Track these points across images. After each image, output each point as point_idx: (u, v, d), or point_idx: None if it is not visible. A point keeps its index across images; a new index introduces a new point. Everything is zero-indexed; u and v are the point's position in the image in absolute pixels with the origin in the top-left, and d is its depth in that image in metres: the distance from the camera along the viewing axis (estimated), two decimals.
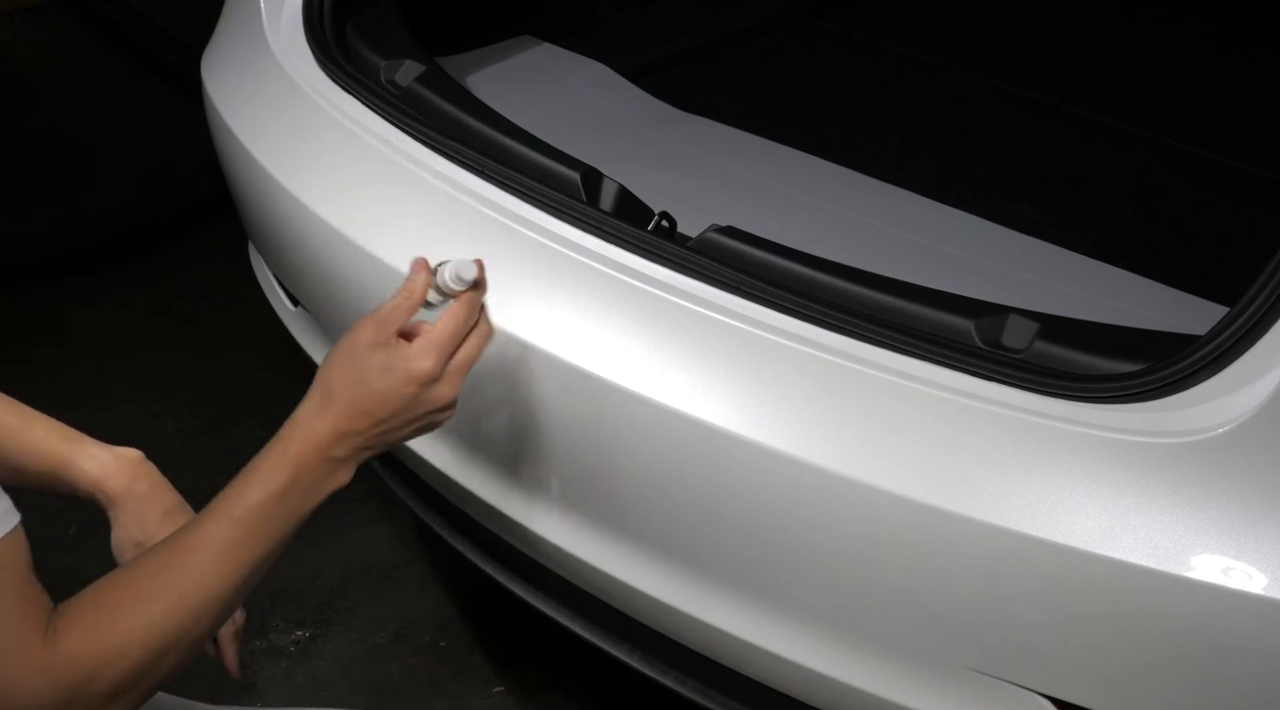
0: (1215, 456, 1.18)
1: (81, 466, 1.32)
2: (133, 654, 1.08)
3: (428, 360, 1.22)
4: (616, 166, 1.66)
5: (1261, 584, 1.14)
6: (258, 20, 1.91)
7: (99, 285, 3.05)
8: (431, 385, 1.22)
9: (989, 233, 1.90)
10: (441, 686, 2.16)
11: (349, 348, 1.22)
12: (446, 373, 1.23)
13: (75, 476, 1.32)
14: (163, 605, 1.11)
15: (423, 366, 1.21)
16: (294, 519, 1.19)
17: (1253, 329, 1.21)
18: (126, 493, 1.33)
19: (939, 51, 2.44)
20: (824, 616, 1.42)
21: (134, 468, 1.34)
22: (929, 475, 1.28)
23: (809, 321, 1.37)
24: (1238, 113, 2.30)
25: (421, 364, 1.21)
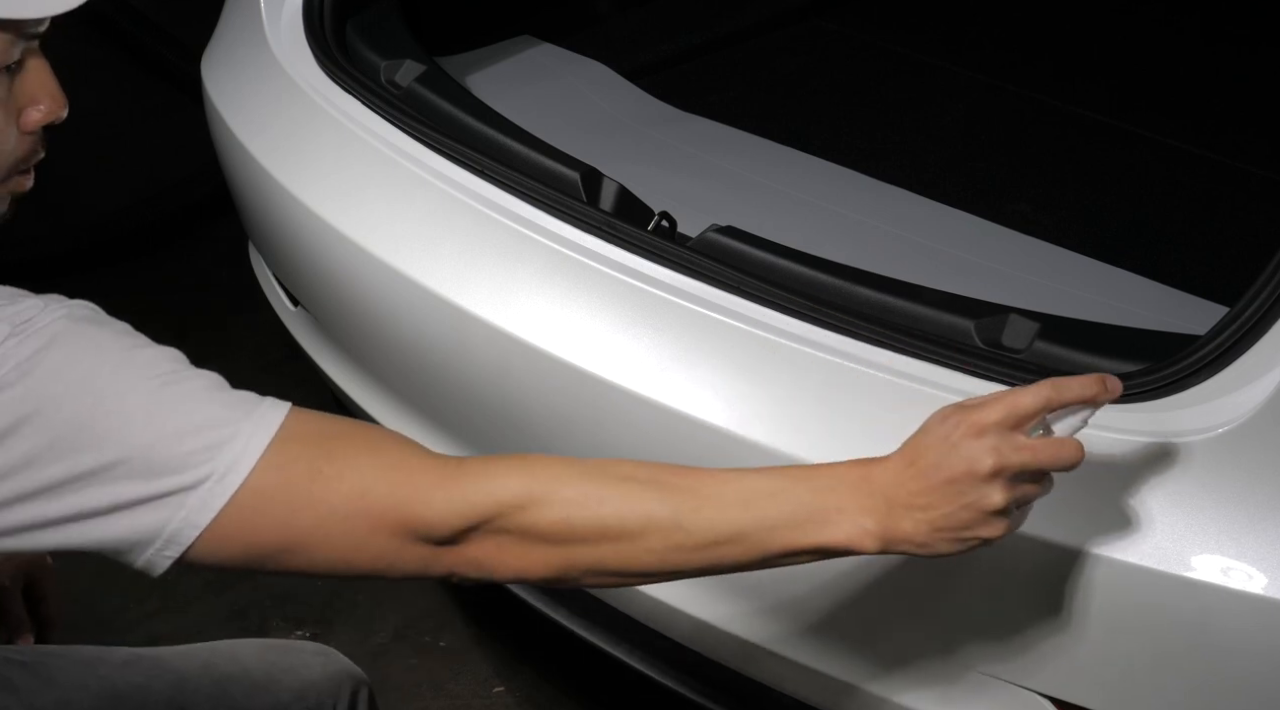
0: (1215, 456, 1.18)
1: None
2: (572, 512, 1.03)
3: (993, 410, 1.05)
4: (616, 166, 1.66)
5: (1261, 584, 1.14)
6: (258, 20, 1.91)
7: (98, 285, 3.02)
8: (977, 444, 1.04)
9: (989, 233, 1.90)
10: (441, 686, 2.16)
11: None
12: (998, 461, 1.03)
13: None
14: (625, 499, 1.04)
15: (985, 413, 1.04)
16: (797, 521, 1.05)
17: (1253, 329, 1.21)
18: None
19: (939, 51, 2.45)
20: (824, 616, 1.42)
21: None
22: None
23: (809, 321, 1.37)
24: (1238, 113, 2.30)
25: (986, 411, 1.05)
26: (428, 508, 1.03)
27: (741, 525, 1.05)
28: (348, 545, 1.03)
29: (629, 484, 1.06)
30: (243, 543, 1.02)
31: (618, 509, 1.04)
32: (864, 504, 1.05)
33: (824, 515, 1.05)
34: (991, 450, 1.03)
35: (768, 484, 1.07)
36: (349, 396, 1.88)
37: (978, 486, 1.04)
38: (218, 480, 1.00)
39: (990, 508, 1.04)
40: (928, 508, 1.05)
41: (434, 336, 1.61)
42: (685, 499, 1.05)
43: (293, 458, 1.02)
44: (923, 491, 1.05)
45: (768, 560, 1.06)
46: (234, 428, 1.01)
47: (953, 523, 1.05)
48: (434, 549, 1.04)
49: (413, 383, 1.73)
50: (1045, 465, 1.05)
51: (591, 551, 1.05)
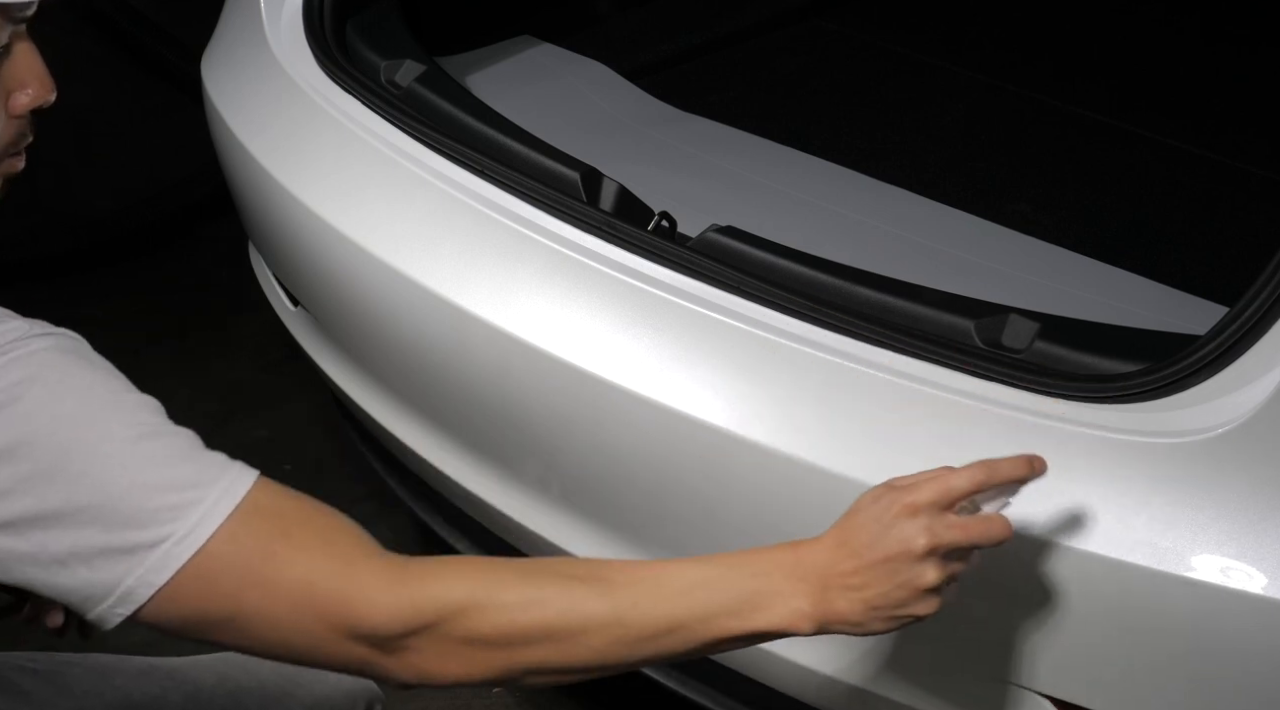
0: (1215, 456, 1.18)
1: None
2: (514, 615, 1.04)
3: (926, 491, 1.08)
4: (616, 166, 1.66)
5: (1261, 584, 1.14)
6: (258, 20, 1.91)
7: (99, 285, 3.05)
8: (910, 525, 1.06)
9: (989, 233, 1.90)
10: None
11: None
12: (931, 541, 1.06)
13: None
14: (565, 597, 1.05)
15: (918, 494, 1.07)
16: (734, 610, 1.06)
17: (1253, 329, 1.21)
18: None
19: (939, 51, 2.45)
20: None
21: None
22: None
23: (809, 321, 1.37)
24: (1238, 113, 2.30)
25: (919, 492, 1.08)
26: (371, 608, 1.03)
27: (679, 616, 1.06)
28: (290, 631, 1.03)
29: (569, 583, 1.07)
30: (190, 609, 1.01)
31: (559, 609, 1.05)
32: (798, 587, 1.07)
33: (759, 600, 1.06)
34: (925, 530, 1.06)
35: (703, 573, 1.08)
36: (349, 396, 1.88)
37: (912, 565, 1.06)
38: (177, 542, 0.99)
39: (924, 586, 1.06)
40: (863, 587, 1.07)
41: (434, 336, 1.61)
42: (624, 594, 1.06)
43: (251, 532, 1.02)
44: (857, 571, 1.07)
45: (706, 647, 1.08)
46: (202, 491, 1.01)
47: (888, 601, 1.07)
48: (374, 651, 1.04)
49: (413, 383, 1.73)
50: (976, 542, 1.08)
51: (534, 652, 1.05)
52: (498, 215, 1.57)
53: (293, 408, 2.65)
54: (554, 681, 1.10)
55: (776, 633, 1.07)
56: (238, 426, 2.60)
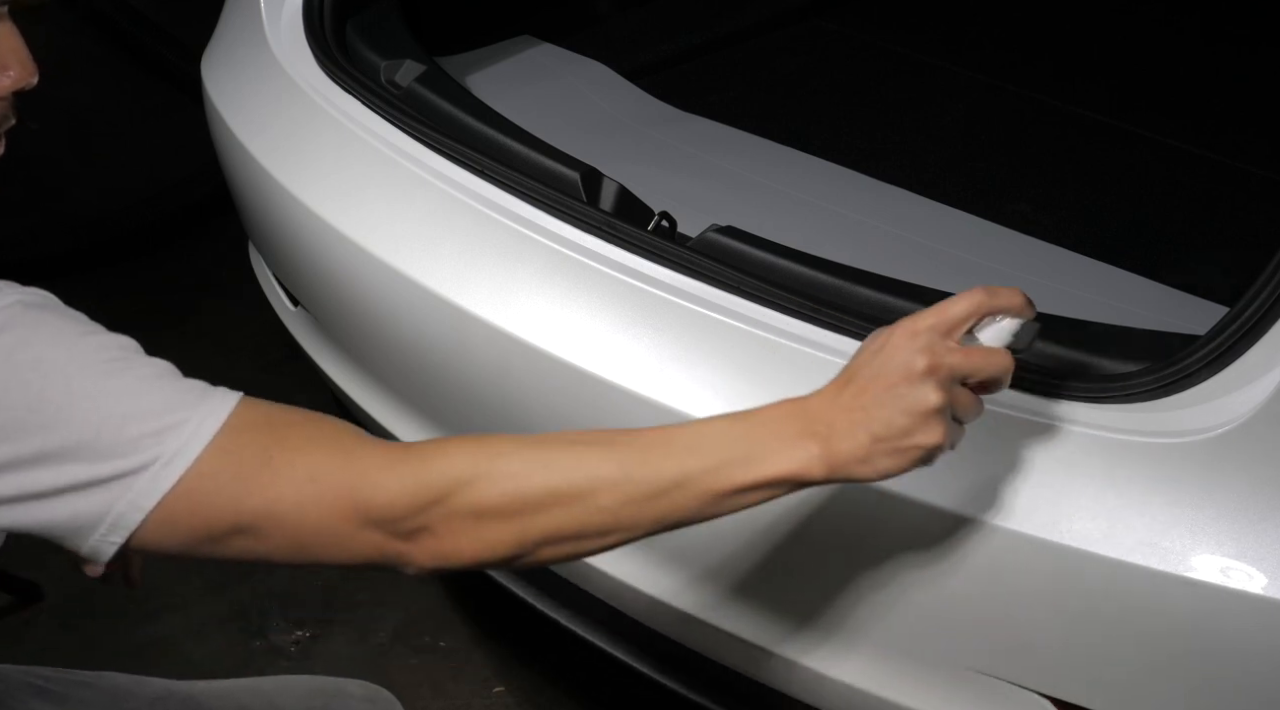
0: (1215, 456, 1.18)
1: None
2: (519, 479, 1.03)
3: (926, 315, 1.07)
4: (616, 166, 1.66)
5: (1261, 584, 1.14)
6: (258, 20, 1.91)
7: (98, 285, 3.04)
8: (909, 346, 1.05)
9: (989, 233, 1.90)
10: (441, 686, 2.16)
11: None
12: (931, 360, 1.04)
13: None
14: (571, 457, 1.05)
15: (917, 319, 1.06)
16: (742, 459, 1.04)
17: (1253, 329, 1.21)
18: None
19: (939, 51, 2.45)
20: (823, 616, 1.42)
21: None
22: (928, 475, 1.28)
23: (809, 321, 1.37)
24: (1238, 113, 2.30)
25: (919, 317, 1.07)
26: (377, 490, 1.03)
27: (688, 469, 1.04)
28: (300, 530, 1.03)
29: (575, 447, 1.06)
30: (190, 527, 1.02)
31: (565, 470, 1.04)
32: (805, 430, 1.05)
33: (767, 448, 1.04)
34: (924, 350, 1.04)
35: (710, 428, 1.06)
36: (349, 396, 1.88)
37: (914, 386, 1.04)
38: (164, 464, 1.00)
39: (927, 407, 1.03)
40: (867, 418, 1.04)
41: (434, 336, 1.61)
42: (631, 452, 1.05)
43: (243, 444, 1.02)
44: (859, 402, 1.05)
45: (721, 501, 1.05)
46: (183, 414, 1.01)
47: (891, 430, 1.04)
48: (387, 536, 1.04)
49: (413, 383, 1.73)
50: (978, 370, 1.06)
51: (545, 519, 1.04)
52: (498, 215, 1.57)
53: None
54: (572, 553, 1.07)
55: (788, 478, 1.05)
56: None
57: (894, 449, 1.05)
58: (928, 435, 1.05)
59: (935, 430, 1.05)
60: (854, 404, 1.05)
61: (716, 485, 1.04)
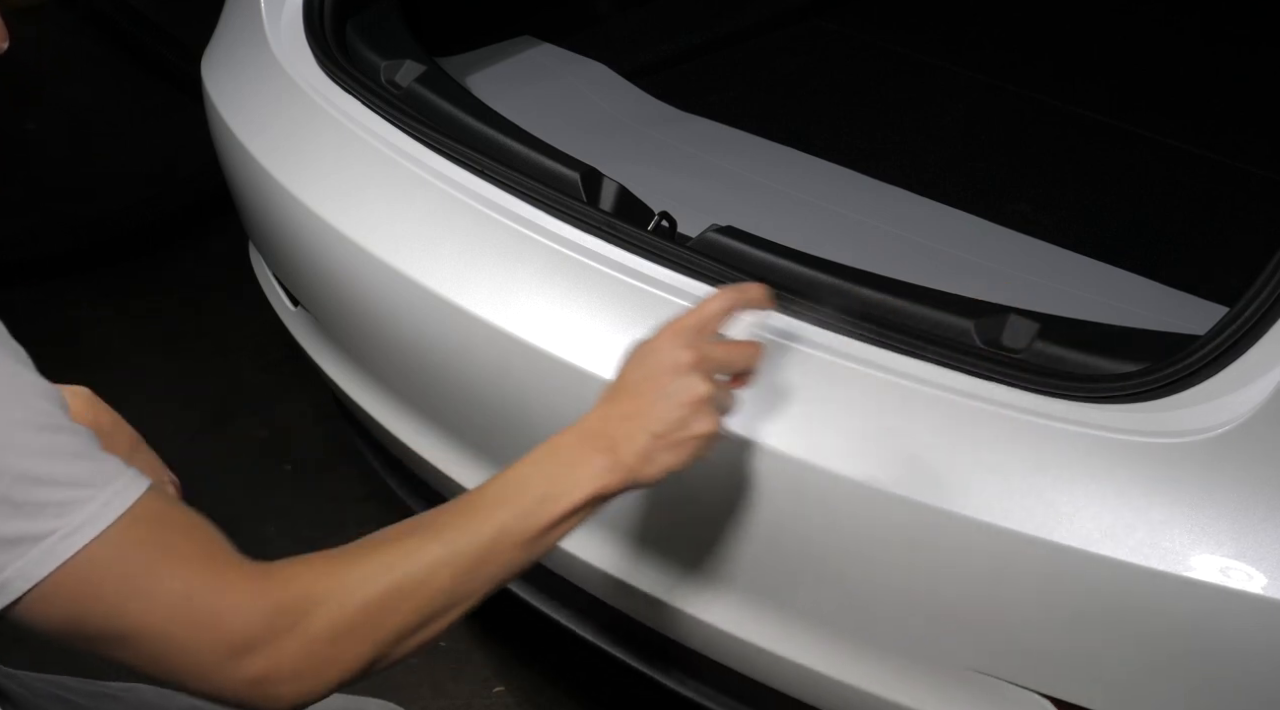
0: (1215, 456, 1.18)
1: None
2: (361, 591, 1.05)
3: (685, 317, 1.18)
4: (616, 166, 1.66)
5: (1261, 584, 1.14)
6: (258, 20, 1.91)
7: (99, 285, 3.05)
8: (673, 345, 1.16)
9: (989, 233, 1.90)
10: (441, 686, 2.16)
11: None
12: (696, 354, 1.16)
13: None
14: (399, 553, 1.08)
15: (677, 321, 1.18)
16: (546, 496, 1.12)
17: (1253, 329, 1.21)
18: (94, 427, 1.31)
19: (939, 51, 2.45)
20: (824, 617, 1.42)
21: (92, 404, 1.33)
22: (928, 475, 1.28)
23: (809, 321, 1.37)
24: (1238, 113, 2.30)
25: (678, 320, 1.18)
26: (237, 614, 1.02)
27: (501, 522, 1.10)
28: (169, 647, 1.02)
29: (402, 541, 1.09)
30: (68, 612, 0.99)
31: (402, 567, 1.07)
32: (592, 449, 1.14)
33: (562, 477, 1.12)
34: (688, 346, 1.16)
35: (505, 480, 1.13)
36: (349, 396, 1.88)
37: (683, 379, 1.14)
38: (62, 537, 0.97)
39: (697, 396, 1.14)
40: (644, 419, 1.14)
41: (434, 336, 1.61)
42: (449, 526, 1.10)
43: (136, 540, 1.00)
44: (635, 406, 1.14)
45: (538, 542, 1.12)
46: (94, 491, 0.99)
47: (669, 424, 1.14)
48: (242, 662, 1.03)
49: (413, 383, 1.73)
50: (736, 359, 1.19)
51: (394, 620, 1.07)
52: (498, 215, 1.57)
53: (293, 408, 2.65)
54: (422, 641, 1.11)
55: (590, 499, 1.12)
56: (238, 426, 2.60)
57: (674, 443, 1.15)
58: (703, 424, 1.15)
59: (709, 418, 1.15)
60: (631, 410, 1.15)
61: (529, 530, 1.11)
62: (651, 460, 1.15)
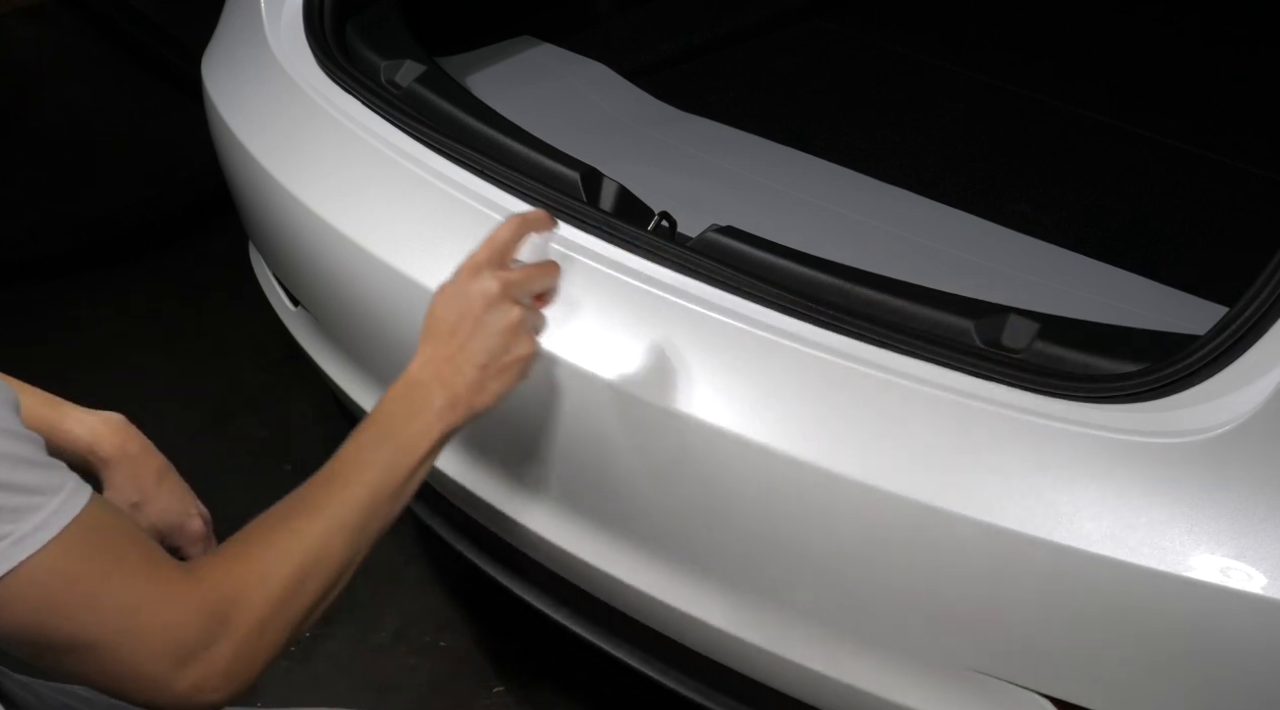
0: (1215, 456, 1.18)
1: (70, 430, 1.32)
2: (273, 579, 1.11)
3: (479, 252, 1.28)
4: (616, 166, 1.66)
5: (1261, 584, 1.14)
6: (258, 20, 1.91)
7: (99, 285, 3.05)
8: (476, 280, 1.25)
9: (989, 233, 1.90)
10: (441, 686, 2.16)
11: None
12: (502, 281, 1.25)
13: (64, 441, 1.31)
14: (292, 536, 1.14)
15: (473, 257, 1.27)
16: (401, 448, 1.21)
17: (1253, 329, 1.21)
18: (120, 454, 1.34)
19: (939, 51, 2.44)
20: (824, 617, 1.42)
21: (122, 430, 1.35)
22: (928, 475, 1.28)
23: (809, 321, 1.37)
24: (1238, 113, 2.30)
25: (473, 256, 1.28)
26: (180, 626, 1.06)
27: (371, 483, 1.18)
28: (116, 658, 1.04)
29: (289, 522, 1.15)
30: (19, 620, 1.01)
31: (300, 548, 1.13)
32: (426, 393, 1.23)
33: (411, 428, 1.22)
34: (493, 277, 1.25)
35: (359, 443, 1.21)
36: (349, 396, 1.88)
37: (496, 308, 1.24)
38: (14, 542, 0.98)
39: (513, 321, 1.25)
40: (468, 353, 1.24)
41: None
42: (325, 503, 1.16)
43: (86, 549, 1.02)
44: (457, 344, 1.24)
45: (406, 489, 1.22)
46: (45, 498, 1.00)
47: (491, 352, 1.24)
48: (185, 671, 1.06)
49: None
50: (536, 279, 1.28)
51: (303, 597, 1.13)
52: (498, 215, 1.57)
53: (292, 408, 2.65)
54: (330, 605, 1.17)
55: (440, 440, 1.23)
56: (238, 426, 2.60)
57: (500, 369, 1.25)
58: (521, 346, 1.26)
59: (526, 341, 1.27)
60: (452, 347, 1.24)
61: (396, 482, 1.20)
62: (483, 389, 1.25)
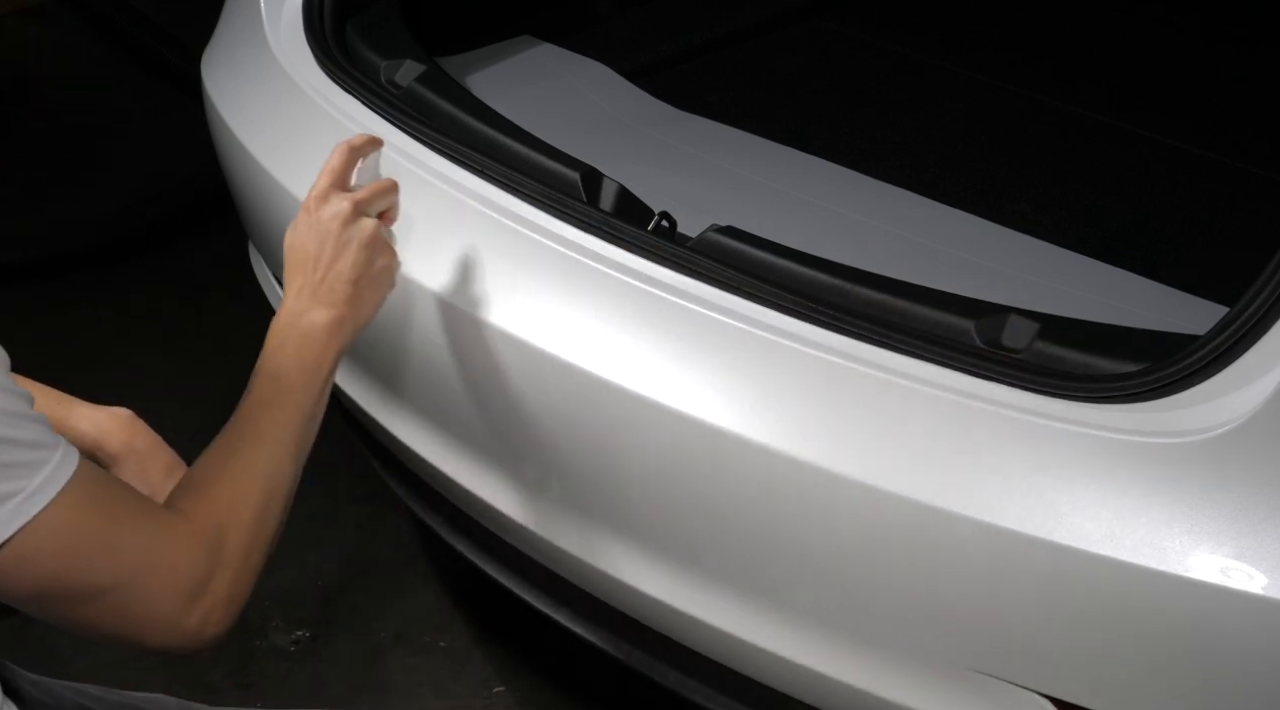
0: (1215, 456, 1.18)
1: (78, 427, 1.34)
2: (245, 506, 1.16)
3: (319, 181, 1.36)
4: (616, 166, 1.66)
5: (1261, 584, 1.14)
6: (258, 20, 1.91)
7: (99, 285, 3.05)
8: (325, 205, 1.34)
9: (989, 233, 1.89)
10: (441, 686, 2.16)
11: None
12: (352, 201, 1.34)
13: (71, 437, 1.32)
14: (248, 465, 1.20)
15: (314, 188, 1.35)
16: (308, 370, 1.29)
17: (1253, 329, 1.21)
18: (128, 450, 1.35)
19: (939, 51, 2.44)
20: (824, 617, 1.42)
21: (129, 425, 1.37)
22: (928, 475, 1.28)
23: (809, 321, 1.37)
24: (1238, 113, 2.30)
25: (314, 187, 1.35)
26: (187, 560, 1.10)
27: (298, 403, 1.26)
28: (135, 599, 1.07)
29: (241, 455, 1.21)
30: (43, 571, 1.03)
31: (260, 473, 1.20)
32: (313, 318, 1.30)
33: (311, 351, 1.29)
34: (341, 198, 1.34)
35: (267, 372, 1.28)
36: (349, 396, 1.88)
37: (352, 227, 1.33)
38: (28, 497, 1.01)
39: (371, 233, 1.34)
40: (337, 272, 1.32)
41: (434, 337, 1.61)
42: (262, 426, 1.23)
43: (94, 497, 1.06)
44: (326, 267, 1.32)
45: (322, 402, 1.31)
46: (48, 453, 1.03)
47: (358, 265, 1.33)
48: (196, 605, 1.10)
49: (412, 383, 1.73)
50: (382, 196, 1.38)
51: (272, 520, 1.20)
52: (498, 215, 1.57)
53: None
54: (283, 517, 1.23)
55: (339, 355, 1.32)
56: None
57: (370, 281, 1.35)
58: (383, 256, 1.36)
59: (386, 251, 1.37)
60: (321, 271, 1.32)
61: (311, 402, 1.28)
62: (361, 302, 1.34)
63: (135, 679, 1.75)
